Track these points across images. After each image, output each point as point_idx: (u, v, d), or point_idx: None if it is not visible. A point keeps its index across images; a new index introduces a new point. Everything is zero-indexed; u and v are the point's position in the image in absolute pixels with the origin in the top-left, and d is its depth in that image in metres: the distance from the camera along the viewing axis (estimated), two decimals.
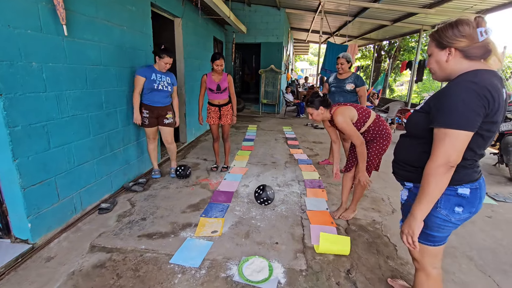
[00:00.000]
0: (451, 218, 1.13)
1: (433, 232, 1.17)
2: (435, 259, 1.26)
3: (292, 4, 8.08)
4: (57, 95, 2.12)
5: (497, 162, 4.15)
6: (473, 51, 1.03)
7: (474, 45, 1.03)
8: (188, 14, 4.66)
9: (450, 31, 1.05)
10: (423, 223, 1.10)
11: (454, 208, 1.12)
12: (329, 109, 2.27)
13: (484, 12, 5.95)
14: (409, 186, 1.26)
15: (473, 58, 1.04)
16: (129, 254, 1.96)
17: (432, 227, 1.17)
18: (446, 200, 1.13)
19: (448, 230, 1.17)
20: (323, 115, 2.27)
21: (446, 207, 1.13)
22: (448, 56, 1.08)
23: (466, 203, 1.12)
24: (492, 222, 2.55)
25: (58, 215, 2.20)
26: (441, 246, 1.22)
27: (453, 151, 0.99)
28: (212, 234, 2.22)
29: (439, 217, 1.14)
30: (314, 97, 2.27)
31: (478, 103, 0.96)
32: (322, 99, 2.24)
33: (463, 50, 1.04)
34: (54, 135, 2.12)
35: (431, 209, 1.09)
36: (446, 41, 1.07)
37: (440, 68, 1.12)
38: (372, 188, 3.20)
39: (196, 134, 5.52)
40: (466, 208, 1.12)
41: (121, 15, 2.85)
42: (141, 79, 2.87)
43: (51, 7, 1.99)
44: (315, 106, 2.24)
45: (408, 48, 13.28)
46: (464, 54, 1.05)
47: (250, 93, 13.30)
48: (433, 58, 1.13)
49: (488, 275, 1.85)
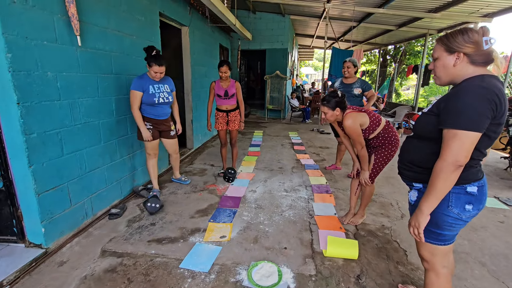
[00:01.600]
0: (462, 216, 1.17)
1: (445, 231, 1.20)
2: (445, 259, 1.28)
3: (296, 11, 8.17)
4: (70, 103, 2.19)
5: (508, 166, 4.08)
6: (478, 57, 1.10)
7: (479, 51, 1.09)
8: (195, 23, 4.76)
9: (460, 37, 1.11)
10: (431, 220, 1.17)
11: (465, 206, 1.16)
12: (344, 111, 2.23)
13: (490, 15, 5.93)
14: (418, 187, 1.29)
15: (478, 64, 1.11)
16: (139, 259, 1.98)
17: (443, 226, 1.19)
18: (456, 198, 1.17)
19: (458, 228, 1.21)
20: (337, 116, 2.21)
21: (457, 205, 1.17)
22: (456, 60, 1.13)
23: (474, 201, 1.17)
24: (504, 228, 2.50)
25: (70, 220, 2.25)
26: (450, 245, 1.26)
27: (462, 151, 1.04)
28: (221, 239, 2.23)
29: (450, 216, 1.17)
30: (332, 97, 2.17)
31: (487, 107, 1.02)
32: (340, 100, 2.16)
33: (470, 55, 1.10)
34: (67, 142, 2.18)
35: (443, 209, 1.15)
36: (456, 46, 1.12)
37: (446, 72, 1.17)
38: (380, 193, 3.18)
39: (202, 140, 5.57)
40: (475, 205, 1.17)
41: (131, 25, 2.94)
42: (137, 94, 2.61)
43: (66, 18, 2.07)
44: (331, 106, 2.17)
45: (414, 52, 13.25)
46: (470, 60, 1.11)
47: (255, 99, 13.37)
48: (440, 61, 1.18)
49: (502, 281, 1.82)
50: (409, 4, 6.03)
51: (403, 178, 1.39)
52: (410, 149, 1.32)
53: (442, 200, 1.14)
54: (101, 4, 2.47)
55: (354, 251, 2.01)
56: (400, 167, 1.39)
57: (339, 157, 4.06)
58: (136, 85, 2.61)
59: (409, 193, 1.37)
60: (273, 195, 3.12)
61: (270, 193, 3.17)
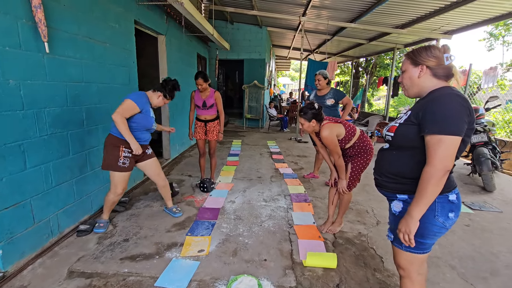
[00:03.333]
0: (446, 224, 1.21)
1: (427, 240, 1.23)
2: (421, 266, 1.32)
3: (273, 23, 8.38)
4: (35, 112, 2.04)
5: (470, 172, 4.37)
6: (440, 71, 1.21)
7: (440, 66, 1.20)
8: (171, 31, 4.71)
9: (424, 52, 1.23)
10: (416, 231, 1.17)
11: (448, 214, 1.20)
12: (320, 123, 2.28)
13: (450, 32, 6.44)
14: (403, 198, 1.29)
15: (440, 77, 1.22)
16: (110, 278, 1.86)
17: (427, 235, 1.22)
18: (441, 208, 1.20)
19: (440, 236, 1.25)
20: (313, 127, 2.28)
21: (442, 214, 1.20)
22: (420, 72, 1.23)
23: (455, 208, 1.22)
24: (470, 231, 2.66)
25: (33, 239, 2.07)
26: (428, 253, 1.29)
27: (449, 155, 1.09)
28: (199, 253, 2.16)
29: (436, 225, 1.20)
30: (308, 109, 2.22)
31: (465, 112, 1.10)
32: (316, 112, 2.22)
33: (432, 68, 1.21)
34: (31, 154, 2.02)
35: (430, 218, 1.19)
36: (420, 59, 1.23)
37: (412, 83, 1.28)
38: (356, 201, 3.27)
39: (180, 150, 5.44)
40: (455, 213, 1.22)
41: (104, 32, 2.84)
42: (135, 108, 2.30)
43: (32, 24, 1.95)
44: (307, 118, 2.22)
45: (384, 65, 13.99)
46: (433, 73, 1.22)
47: (234, 108, 13.40)
48: (407, 73, 1.29)
49: (470, 283, 1.91)
50: (379, 20, 6.41)
51: (384, 191, 1.37)
52: (391, 161, 1.32)
53: (429, 210, 1.16)
54: (72, 10, 2.37)
55: (333, 262, 2.03)
56: (380, 179, 1.37)
57: (317, 166, 4.13)
58: (139, 100, 2.32)
59: (391, 204, 1.36)
60: (252, 205, 3.09)
61: (249, 203, 3.14)
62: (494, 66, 6.55)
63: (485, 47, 16.06)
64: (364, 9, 5.82)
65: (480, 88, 7.61)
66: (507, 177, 4.62)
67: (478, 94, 8.08)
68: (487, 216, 2.98)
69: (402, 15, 5.86)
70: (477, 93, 7.92)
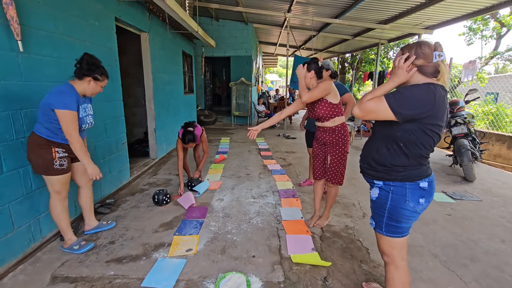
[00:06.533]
0: (417, 209, 1.31)
1: (402, 224, 1.33)
2: (402, 251, 1.40)
3: (259, 20, 8.35)
4: (11, 114, 1.97)
5: (452, 163, 4.52)
6: (427, 68, 1.23)
7: (428, 64, 1.23)
8: (155, 29, 4.61)
9: (413, 50, 1.25)
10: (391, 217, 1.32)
11: (419, 200, 1.30)
12: (319, 81, 2.28)
13: (431, 27, 6.59)
14: (379, 184, 1.38)
15: (426, 74, 1.24)
16: (96, 282, 1.82)
17: (401, 219, 1.32)
18: (412, 194, 1.30)
19: (413, 220, 1.35)
20: (310, 80, 2.28)
21: (413, 199, 1.30)
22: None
23: (426, 194, 1.31)
24: (452, 220, 2.75)
25: (13, 245, 2.00)
26: (405, 237, 1.38)
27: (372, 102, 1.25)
28: (187, 252, 2.14)
29: (407, 209, 1.31)
30: (312, 62, 2.27)
31: (430, 101, 1.17)
32: (318, 69, 2.26)
33: (419, 66, 1.24)
34: (8, 157, 1.95)
35: (401, 203, 1.30)
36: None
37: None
38: (343, 194, 3.32)
39: (167, 149, 5.37)
40: (426, 198, 1.31)
41: (84, 30, 2.75)
42: (75, 115, 1.94)
43: (4, 22, 1.87)
44: (308, 68, 2.25)
45: (369, 60, 14.22)
46: (419, 70, 1.25)
47: (221, 105, 13.32)
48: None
49: (452, 270, 1.98)
50: (362, 16, 6.48)
51: (365, 177, 1.48)
52: (371, 148, 1.42)
53: (400, 195, 1.30)
54: (47, 7, 2.28)
55: (320, 262, 2.04)
56: (362, 166, 1.48)
57: (311, 171, 4.13)
58: (70, 104, 1.89)
59: (370, 191, 1.46)
60: (240, 202, 3.09)
61: (237, 200, 3.14)
62: (473, 60, 6.76)
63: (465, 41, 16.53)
64: (348, 5, 5.87)
65: (460, 82, 7.84)
66: (486, 167, 4.80)
67: (459, 87, 8.32)
68: (468, 205, 3.09)
69: (385, 10, 5.95)
70: (457, 86, 8.15)
